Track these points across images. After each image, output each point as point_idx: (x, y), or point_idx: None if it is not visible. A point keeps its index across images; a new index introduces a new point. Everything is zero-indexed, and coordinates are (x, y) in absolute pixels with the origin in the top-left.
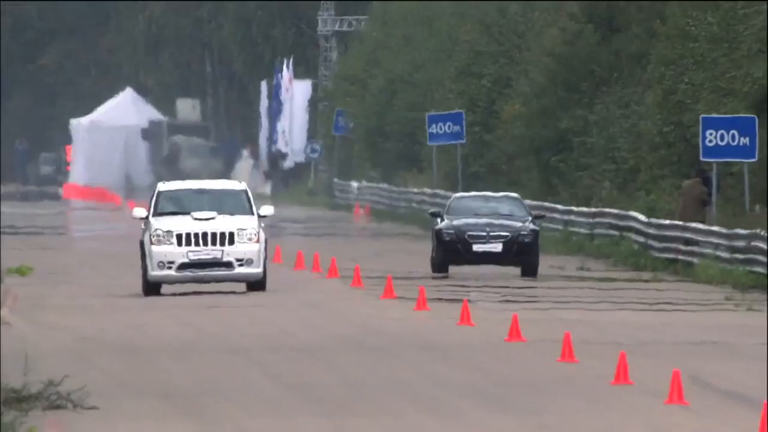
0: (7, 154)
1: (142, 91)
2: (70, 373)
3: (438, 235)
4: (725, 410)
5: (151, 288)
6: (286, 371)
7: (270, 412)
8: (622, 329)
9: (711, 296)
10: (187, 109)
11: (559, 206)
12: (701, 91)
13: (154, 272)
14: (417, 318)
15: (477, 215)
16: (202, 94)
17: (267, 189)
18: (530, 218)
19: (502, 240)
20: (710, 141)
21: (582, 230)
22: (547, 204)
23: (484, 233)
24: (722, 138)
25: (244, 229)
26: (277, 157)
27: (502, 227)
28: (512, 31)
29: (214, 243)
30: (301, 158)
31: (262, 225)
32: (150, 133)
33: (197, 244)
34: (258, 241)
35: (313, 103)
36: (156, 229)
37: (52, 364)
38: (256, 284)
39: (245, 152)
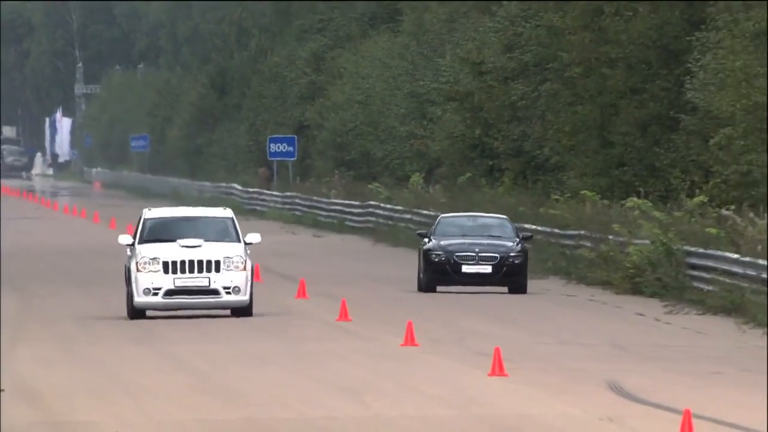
0: None
1: None
2: None
3: (426, 255)
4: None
5: (137, 313)
6: (96, 267)
7: (63, 286)
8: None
9: (275, 227)
10: (8, 130)
11: (208, 183)
12: (268, 124)
13: (140, 298)
14: None
15: (465, 235)
16: (17, 123)
17: (50, 172)
18: (518, 239)
19: (492, 262)
20: (273, 149)
21: (209, 194)
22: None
23: (473, 254)
24: (279, 147)
25: (231, 257)
26: (55, 156)
27: (492, 248)
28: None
29: (200, 270)
30: (67, 157)
31: (249, 252)
32: None
33: (183, 271)
34: (245, 268)
35: (72, 130)
36: (142, 256)
37: None
38: (242, 311)
39: (39, 154)
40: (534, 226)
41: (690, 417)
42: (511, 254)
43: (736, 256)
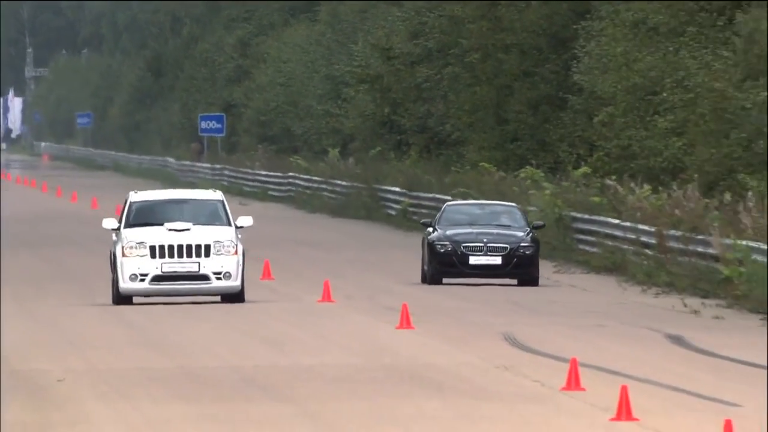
0: None
1: None
2: None
3: (431, 246)
4: None
5: (122, 300)
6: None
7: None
8: None
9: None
10: None
11: (145, 156)
12: (199, 104)
13: (126, 285)
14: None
15: (472, 224)
16: None
17: (3, 146)
18: (529, 228)
19: (501, 253)
20: (203, 126)
21: (156, 166)
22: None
23: (482, 245)
24: (209, 124)
25: (221, 241)
26: (8, 132)
27: (501, 238)
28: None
29: (189, 255)
30: (19, 132)
31: (240, 236)
32: None
33: (172, 256)
34: (236, 253)
35: (23, 108)
36: (128, 241)
37: None
38: (233, 297)
39: None
40: (439, 195)
41: (576, 365)
42: (522, 245)
43: (617, 221)
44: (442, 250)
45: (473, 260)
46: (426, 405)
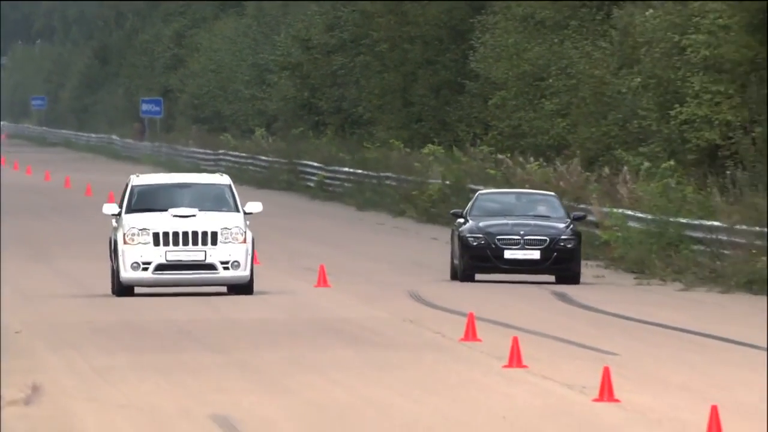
0: None
1: None
2: None
3: (463, 239)
4: None
5: (124, 290)
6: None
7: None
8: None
9: (146, 169)
10: None
11: (93, 134)
12: (140, 89)
13: (128, 274)
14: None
15: (507, 215)
16: None
17: None
18: (570, 220)
19: (540, 246)
20: (144, 108)
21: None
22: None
23: (518, 237)
24: (149, 107)
25: (229, 228)
26: None
27: (540, 230)
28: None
29: (195, 243)
30: None
31: (248, 222)
32: None
33: (176, 243)
34: (244, 241)
35: None
36: (130, 227)
37: None
38: (242, 288)
39: None
40: (352, 169)
41: (473, 318)
42: (562, 237)
43: None
44: (474, 244)
45: (509, 254)
46: (341, 354)
